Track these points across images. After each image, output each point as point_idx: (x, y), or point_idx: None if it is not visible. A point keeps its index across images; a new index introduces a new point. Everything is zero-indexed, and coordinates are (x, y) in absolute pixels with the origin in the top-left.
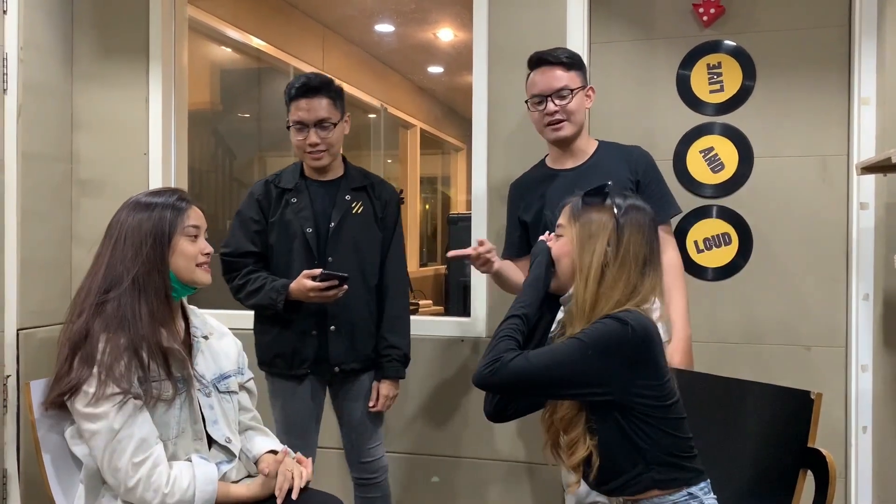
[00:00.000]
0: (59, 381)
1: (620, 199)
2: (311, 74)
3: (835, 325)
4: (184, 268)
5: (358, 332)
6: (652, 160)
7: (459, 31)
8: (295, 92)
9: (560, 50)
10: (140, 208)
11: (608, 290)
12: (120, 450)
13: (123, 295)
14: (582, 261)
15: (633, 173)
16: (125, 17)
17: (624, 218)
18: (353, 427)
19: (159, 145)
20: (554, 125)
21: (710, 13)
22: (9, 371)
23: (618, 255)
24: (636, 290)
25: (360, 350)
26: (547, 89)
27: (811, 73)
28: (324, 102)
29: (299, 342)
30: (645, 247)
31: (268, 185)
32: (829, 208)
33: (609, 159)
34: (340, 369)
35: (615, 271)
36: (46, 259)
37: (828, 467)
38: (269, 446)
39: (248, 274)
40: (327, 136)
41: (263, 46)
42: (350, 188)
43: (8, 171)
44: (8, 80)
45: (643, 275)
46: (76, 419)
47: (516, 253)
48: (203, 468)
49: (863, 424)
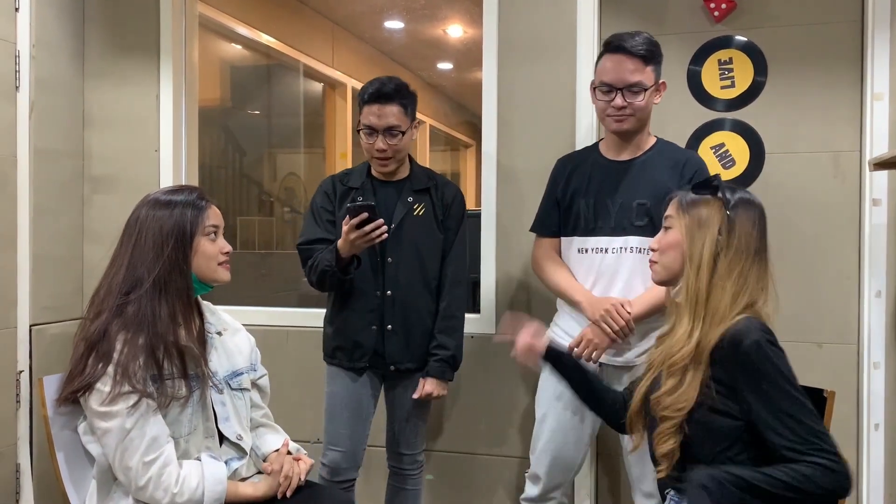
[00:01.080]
0: (74, 379)
1: (730, 192)
2: (385, 79)
3: (847, 322)
4: (205, 267)
5: (414, 332)
6: (704, 167)
7: (469, 28)
8: (368, 97)
9: (641, 38)
10: (160, 206)
11: (721, 280)
12: (132, 448)
13: (144, 296)
14: (693, 250)
15: (681, 177)
16: (136, 15)
17: (734, 210)
18: (399, 419)
19: (170, 142)
20: (618, 119)
21: (721, 8)
22: (21, 367)
23: (730, 245)
24: (747, 281)
25: (415, 350)
26: (618, 81)
27: (823, 68)
28: (395, 109)
29: (359, 336)
30: (755, 239)
31: (334, 181)
32: (841, 205)
33: (661, 159)
34: (396, 368)
35: (727, 261)
36: (58, 255)
37: None
38: (278, 444)
39: (315, 256)
40: (395, 143)
41: (273, 43)
42: (413, 190)
43: (20, 168)
44: (20, 76)
45: (752, 266)
46: (89, 417)
47: (553, 232)
48: (212, 468)
49: (875, 422)
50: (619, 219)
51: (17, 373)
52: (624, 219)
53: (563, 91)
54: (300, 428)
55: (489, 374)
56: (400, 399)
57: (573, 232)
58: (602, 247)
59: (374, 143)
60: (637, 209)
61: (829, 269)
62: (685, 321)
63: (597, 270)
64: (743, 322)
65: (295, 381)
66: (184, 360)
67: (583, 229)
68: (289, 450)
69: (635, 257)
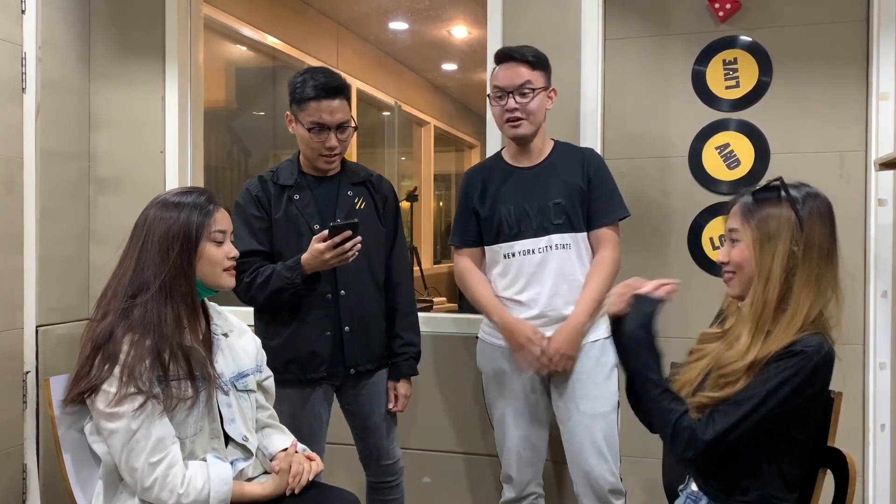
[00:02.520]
0: (80, 380)
1: (795, 189)
2: (326, 71)
3: (852, 323)
4: (209, 273)
5: (372, 331)
6: (602, 161)
7: (473, 29)
8: (314, 91)
9: (527, 48)
10: (167, 209)
11: (798, 292)
12: (138, 449)
13: (150, 300)
14: (762, 265)
15: (586, 173)
16: (141, 16)
17: (804, 209)
18: (372, 429)
19: (175, 143)
20: (513, 122)
21: (725, 8)
22: (28, 367)
23: (806, 255)
24: (822, 287)
25: (373, 350)
26: (509, 85)
27: (828, 68)
28: (345, 104)
29: (315, 344)
30: (829, 238)
31: (263, 182)
32: (846, 205)
33: (564, 160)
34: (356, 370)
35: (804, 272)
36: (64, 256)
37: (848, 467)
38: (285, 444)
39: (255, 270)
40: (347, 139)
41: (278, 44)
42: (350, 183)
43: (27, 169)
44: (26, 78)
45: (828, 269)
46: (95, 417)
47: (472, 241)
48: (218, 468)
49: (881, 422)
50: (540, 220)
51: (23, 373)
52: (544, 219)
53: (568, 92)
54: None
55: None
56: (367, 410)
57: (497, 239)
58: (528, 248)
59: (326, 141)
60: (554, 209)
61: None
62: (745, 335)
63: (527, 271)
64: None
65: None
66: (189, 362)
67: (507, 235)
68: (297, 450)
69: (559, 253)
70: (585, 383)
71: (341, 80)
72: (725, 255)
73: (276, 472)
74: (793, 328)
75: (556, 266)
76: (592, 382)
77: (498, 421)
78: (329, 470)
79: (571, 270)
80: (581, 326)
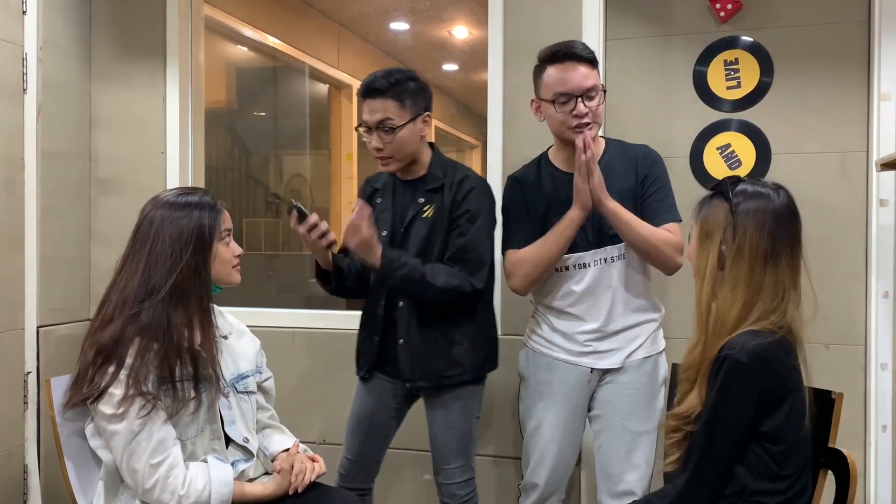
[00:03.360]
0: (82, 385)
1: (749, 186)
2: (380, 72)
3: (854, 324)
4: (222, 271)
5: (428, 346)
6: (658, 159)
7: (474, 29)
8: (361, 92)
9: (581, 44)
10: (175, 209)
11: (727, 289)
12: (139, 451)
13: (160, 304)
14: (699, 261)
15: (638, 174)
16: (142, 17)
17: (739, 214)
18: (431, 439)
19: (176, 143)
20: (583, 128)
21: (727, 9)
22: (29, 368)
23: (737, 253)
24: (760, 289)
25: (429, 366)
26: (577, 89)
27: (830, 68)
28: (387, 104)
29: (363, 346)
30: (765, 242)
31: (367, 183)
32: (847, 205)
33: (618, 162)
34: (410, 387)
35: (733, 270)
36: (66, 257)
37: (849, 468)
38: (286, 445)
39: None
40: (390, 139)
41: (279, 45)
42: (426, 189)
43: (28, 170)
44: (27, 79)
45: (763, 273)
46: (97, 419)
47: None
48: (218, 469)
49: (882, 423)
50: (594, 231)
51: (24, 374)
52: (598, 230)
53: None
54: (306, 430)
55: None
56: (430, 417)
57: None
58: (585, 262)
59: (370, 141)
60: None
61: (835, 270)
62: (694, 333)
63: (582, 285)
64: (741, 337)
65: (301, 383)
66: (197, 365)
67: None
68: (298, 451)
69: (616, 265)
70: (635, 398)
71: (390, 79)
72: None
73: (278, 472)
74: (724, 327)
75: (612, 279)
76: (643, 398)
77: (532, 431)
78: (333, 472)
79: (629, 283)
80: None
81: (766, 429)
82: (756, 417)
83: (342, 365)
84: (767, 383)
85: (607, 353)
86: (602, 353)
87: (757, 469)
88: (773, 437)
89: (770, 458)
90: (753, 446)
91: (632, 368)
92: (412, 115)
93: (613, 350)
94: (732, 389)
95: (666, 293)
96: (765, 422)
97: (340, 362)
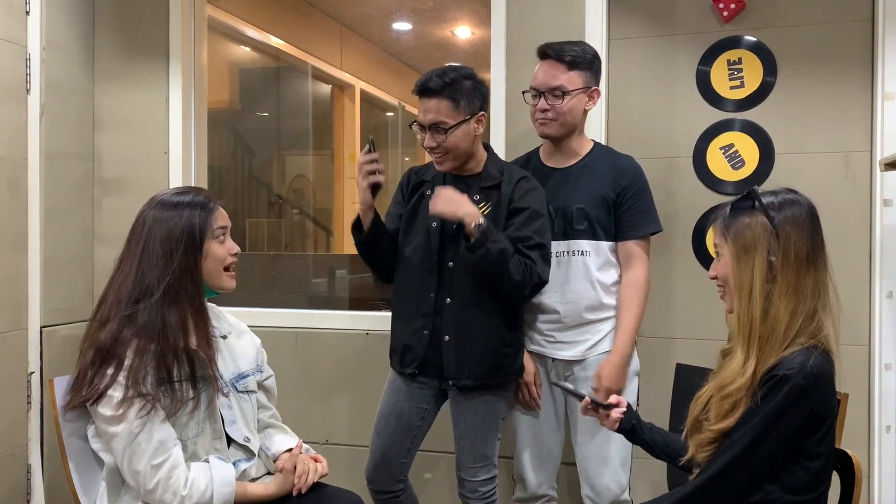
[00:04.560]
0: (82, 387)
1: (772, 196)
2: (435, 71)
3: (858, 324)
4: (213, 271)
5: (472, 345)
6: (638, 172)
7: (477, 29)
8: (416, 90)
9: (569, 46)
10: (167, 209)
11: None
12: (139, 452)
13: (155, 304)
14: (742, 278)
15: (616, 183)
16: (145, 17)
17: (781, 222)
18: (456, 436)
19: (179, 144)
20: (542, 122)
21: (730, 8)
22: (32, 368)
23: (784, 264)
24: (804, 293)
25: (472, 365)
26: (542, 85)
27: (833, 68)
28: (441, 104)
29: (410, 340)
30: (809, 243)
31: (410, 173)
32: (851, 205)
33: (599, 165)
34: (454, 384)
35: (783, 282)
36: (69, 257)
37: (853, 468)
38: (288, 444)
39: None
40: (443, 139)
41: (282, 45)
42: (481, 187)
43: (31, 170)
44: (31, 79)
45: (808, 275)
46: (97, 422)
47: None
48: (220, 470)
49: (886, 423)
50: (560, 224)
51: (28, 374)
52: (566, 224)
53: None
54: (309, 430)
55: None
56: (458, 416)
57: None
58: None
59: (424, 139)
60: (577, 213)
61: (839, 270)
62: (739, 352)
63: None
64: (797, 356)
65: (303, 383)
66: (193, 365)
67: None
68: (301, 451)
69: (579, 259)
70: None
71: (445, 79)
72: (713, 270)
73: (280, 472)
74: (776, 340)
75: (576, 272)
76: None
77: (513, 422)
78: (340, 470)
79: (590, 278)
80: (625, 359)
81: (808, 446)
82: (801, 437)
83: (344, 365)
84: (818, 404)
85: (567, 345)
86: (563, 343)
87: (791, 485)
88: (812, 454)
89: (805, 475)
90: (792, 465)
91: (595, 362)
92: (466, 115)
93: (573, 342)
94: (787, 410)
95: (671, 294)
96: (808, 440)
97: (343, 363)
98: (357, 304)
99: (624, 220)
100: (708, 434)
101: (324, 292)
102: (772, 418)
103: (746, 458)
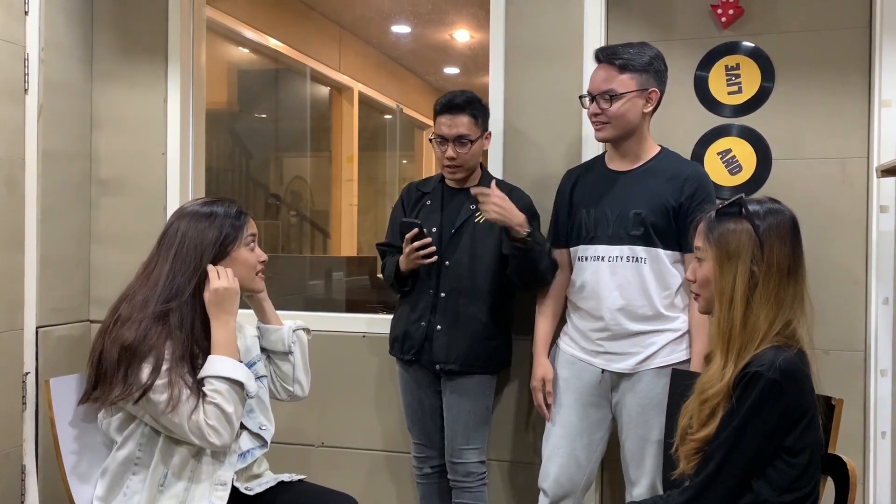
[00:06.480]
0: (112, 384)
1: (757, 205)
2: (457, 91)
3: (854, 329)
4: (245, 277)
5: (460, 334)
6: (706, 181)
7: (476, 32)
8: (440, 107)
9: (623, 48)
10: (200, 218)
11: (757, 309)
12: (181, 409)
13: (185, 305)
14: (724, 284)
15: (680, 192)
16: (144, 18)
17: (765, 232)
18: (450, 423)
19: (177, 145)
20: (596, 126)
21: (728, 14)
22: (28, 368)
23: (767, 273)
24: (783, 302)
25: (458, 352)
26: (593, 89)
27: (831, 74)
28: (465, 120)
29: (409, 328)
30: (790, 255)
31: (410, 188)
32: (848, 211)
33: (662, 171)
34: (441, 367)
35: (764, 290)
36: (65, 257)
37: (848, 474)
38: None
39: (384, 259)
40: (465, 151)
41: (280, 47)
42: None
43: (28, 170)
44: (29, 79)
45: (788, 286)
46: (143, 416)
47: (561, 242)
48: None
49: (882, 429)
50: (616, 228)
51: (23, 374)
52: (620, 228)
53: (570, 96)
54: (305, 431)
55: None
56: (450, 401)
57: (576, 241)
58: (599, 255)
59: (445, 152)
60: (633, 218)
61: (836, 276)
62: (718, 357)
63: (595, 278)
64: (767, 353)
65: None
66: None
67: (583, 238)
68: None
69: (632, 266)
70: (648, 408)
71: (467, 98)
72: (692, 273)
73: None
74: (750, 346)
75: (626, 278)
76: (655, 409)
77: (547, 429)
78: (335, 472)
79: (643, 287)
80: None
81: (789, 442)
82: (781, 433)
83: (341, 367)
84: (793, 399)
85: (619, 356)
86: (613, 354)
87: (778, 483)
88: (794, 450)
89: (791, 471)
90: (776, 461)
91: (647, 377)
92: (481, 132)
93: (623, 354)
94: (763, 406)
95: None
96: (788, 436)
97: (339, 365)
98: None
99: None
100: (692, 444)
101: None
102: (749, 418)
103: (732, 462)
